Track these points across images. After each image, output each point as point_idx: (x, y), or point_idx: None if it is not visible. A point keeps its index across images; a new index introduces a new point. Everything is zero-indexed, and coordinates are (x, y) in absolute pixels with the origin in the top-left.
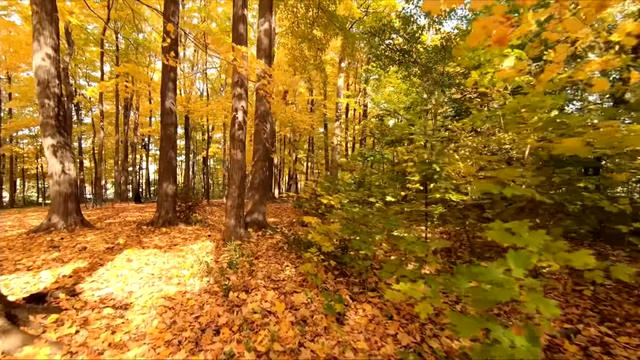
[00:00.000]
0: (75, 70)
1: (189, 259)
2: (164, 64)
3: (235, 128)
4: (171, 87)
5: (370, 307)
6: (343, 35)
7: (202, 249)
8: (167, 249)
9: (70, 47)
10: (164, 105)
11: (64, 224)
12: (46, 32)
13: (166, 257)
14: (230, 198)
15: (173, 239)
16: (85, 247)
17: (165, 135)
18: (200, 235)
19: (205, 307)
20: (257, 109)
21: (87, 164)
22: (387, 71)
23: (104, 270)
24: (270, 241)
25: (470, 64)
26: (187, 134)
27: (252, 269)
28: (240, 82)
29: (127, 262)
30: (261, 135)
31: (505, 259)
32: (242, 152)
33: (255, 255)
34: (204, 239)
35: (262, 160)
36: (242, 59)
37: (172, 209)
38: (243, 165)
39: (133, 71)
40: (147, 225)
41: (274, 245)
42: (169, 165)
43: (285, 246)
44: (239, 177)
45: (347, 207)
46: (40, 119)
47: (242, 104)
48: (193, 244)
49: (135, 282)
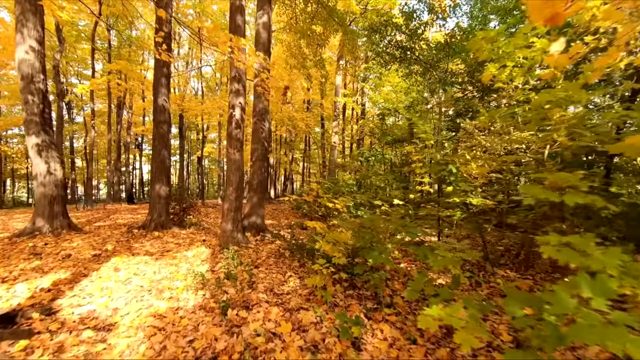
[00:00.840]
0: (66, 68)
1: (183, 267)
2: (157, 58)
3: (232, 126)
4: (164, 83)
5: (388, 327)
6: (343, 32)
7: (196, 256)
8: (159, 256)
9: (61, 44)
10: (156, 102)
11: (49, 227)
12: (30, 24)
13: (157, 266)
14: (227, 201)
15: (166, 245)
16: (70, 254)
17: (158, 133)
18: (195, 239)
19: (201, 328)
20: (255, 106)
21: (79, 164)
22: (388, 69)
23: (87, 282)
24: (270, 247)
25: (489, 56)
26: (181, 133)
27: (253, 280)
28: (237, 78)
29: (114, 271)
30: (259, 134)
31: (575, 284)
32: (240, 151)
33: (254, 263)
34: (198, 244)
35: (260, 161)
36: (240, 52)
37: (165, 211)
38: (241, 165)
39: (125, 68)
40: (138, 229)
41: (275, 251)
42: (161, 165)
43: (286, 252)
44: (237, 179)
45: (354, 211)
46: (23, 116)
47: (239, 100)
48: (187, 250)
49: (122, 296)
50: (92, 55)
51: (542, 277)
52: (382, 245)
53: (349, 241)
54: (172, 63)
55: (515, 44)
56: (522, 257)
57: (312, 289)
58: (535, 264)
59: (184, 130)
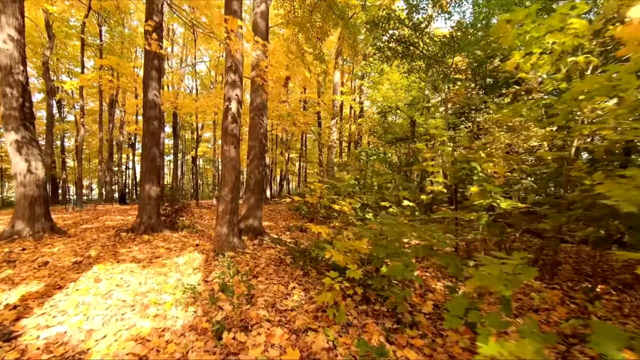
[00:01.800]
0: (57, 65)
1: (172, 277)
2: (146, 49)
3: (227, 121)
4: (155, 77)
5: (415, 354)
6: (343, 25)
7: (188, 263)
8: (147, 263)
9: (51, 40)
10: (146, 97)
11: (29, 231)
12: (8, 11)
13: (144, 276)
14: (222, 202)
15: (155, 250)
16: (48, 261)
17: (148, 130)
18: (188, 244)
19: (191, 357)
20: (252, 100)
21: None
22: (389, 64)
23: (62, 296)
24: (269, 252)
25: (514, 43)
26: (175, 132)
27: (251, 293)
28: (234, 68)
29: (94, 282)
30: (257, 130)
31: None
32: (236, 148)
33: (253, 272)
34: (191, 249)
35: (258, 159)
36: (236, 38)
37: (155, 213)
38: (237, 164)
39: (116, 64)
40: (127, 232)
41: (275, 258)
42: (152, 164)
43: (287, 259)
44: (233, 178)
45: (361, 213)
46: (1, 111)
47: (236, 92)
48: (178, 256)
49: (100, 313)
50: (82, 50)
51: (570, 287)
52: (407, 257)
53: (364, 249)
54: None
55: (549, 25)
56: (541, 263)
57: (321, 304)
58: (557, 272)
59: (178, 129)
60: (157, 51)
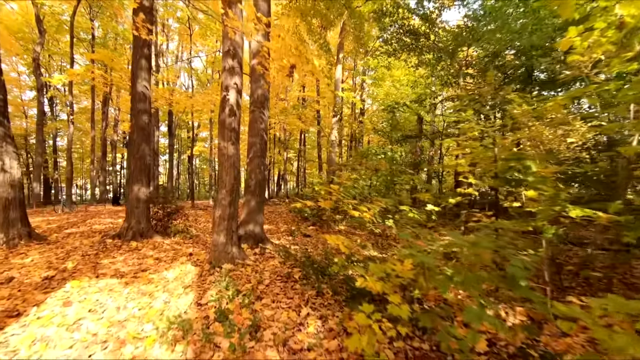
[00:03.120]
0: (49, 62)
1: (159, 298)
2: (135, 36)
3: (225, 113)
4: (145, 66)
5: None
6: (348, 15)
7: (179, 278)
8: (131, 278)
9: (42, 36)
10: (135, 88)
11: (3, 238)
12: None
13: (125, 296)
14: (219, 206)
15: (142, 260)
16: (13, 277)
17: (137, 125)
18: (180, 252)
19: None
20: (252, 92)
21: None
22: (398, 57)
23: (16, 328)
24: (272, 264)
25: (571, 16)
26: (170, 131)
27: (256, 322)
28: (232, 53)
29: (63, 306)
30: (258, 125)
31: None
32: (235, 145)
33: (256, 291)
34: (183, 259)
35: (259, 157)
36: (235, 16)
37: (144, 217)
38: (236, 162)
39: (108, 58)
40: (113, 238)
41: (280, 271)
42: (141, 163)
43: (295, 272)
44: (231, 179)
45: (380, 219)
46: None
47: (234, 80)
48: (168, 268)
49: (60, 355)
50: (71, 43)
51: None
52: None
53: (408, 274)
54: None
55: None
56: (593, 278)
57: (352, 350)
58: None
59: (173, 128)
60: (147, 38)
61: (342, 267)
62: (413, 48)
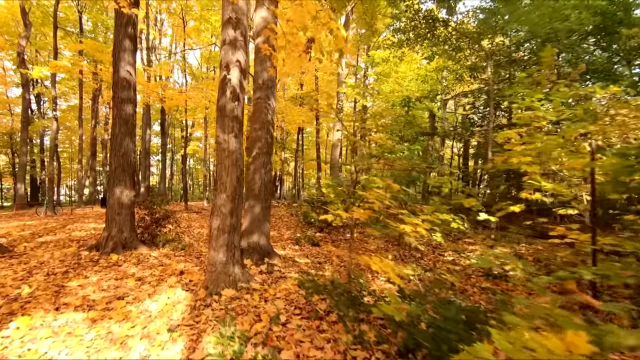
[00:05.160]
0: (35, 57)
1: (135, 351)
2: (117, 11)
3: (226, 97)
4: (128, 47)
5: None
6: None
7: (166, 312)
8: (102, 311)
9: (27, 29)
10: (117, 74)
11: None
12: None
13: (86, 348)
14: (218, 215)
15: (121, 282)
16: None
17: (120, 117)
18: (169, 270)
19: None
20: (256, 76)
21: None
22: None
23: None
24: (284, 287)
25: None
26: (162, 129)
27: None
28: (234, 21)
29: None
30: (263, 115)
31: None
32: (238, 138)
33: (271, 336)
34: (173, 281)
35: (264, 154)
36: None
37: (128, 224)
38: (239, 159)
39: (94, 49)
40: (90, 250)
41: (297, 300)
42: (124, 160)
43: (316, 300)
44: (233, 180)
45: (438, 237)
46: None
47: (237, 56)
48: (153, 294)
49: None
50: (55, 33)
51: None
52: None
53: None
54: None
55: None
56: None
57: None
58: None
59: (166, 127)
60: (129, 12)
61: (396, 308)
62: (429, 37)
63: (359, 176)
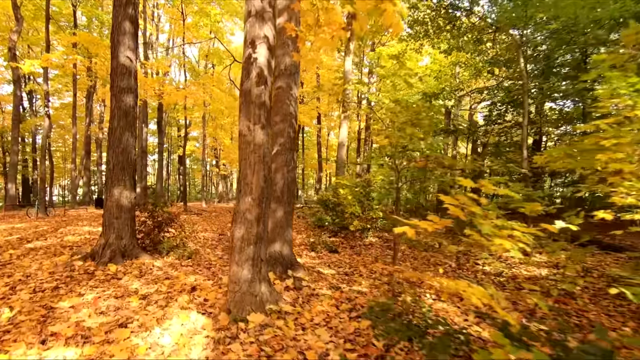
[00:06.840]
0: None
1: None
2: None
3: (251, 80)
4: (129, 30)
5: None
6: None
7: (182, 346)
8: (101, 344)
9: (19, 23)
10: (116, 60)
11: None
12: None
13: None
14: (242, 223)
15: (122, 303)
16: None
17: (119, 108)
18: (178, 284)
19: None
20: (277, 61)
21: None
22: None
23: None
24: (320, 308)
25: None
26: (160, 128)
27: None
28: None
29: None
30: (286, 106)
31: None
32: (265, 129)
33: None
34: (185, 300)
35: (288, 151)
36: None
37: (128, 230)
38: (267, 155)
39: (88, 42)
40: (85, 260)
41: (339, 327)
42: (124, 157)
43: (363, 326)
44: (260, 180)
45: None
46: None
47: (265, 30)
48: (162, 319)
49: None
50: (47, 24)
51: None
52: None
53: None
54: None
55: None
56: None
57: None
58: None
59: (163, 125)
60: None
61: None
62: (448, 29)
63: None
